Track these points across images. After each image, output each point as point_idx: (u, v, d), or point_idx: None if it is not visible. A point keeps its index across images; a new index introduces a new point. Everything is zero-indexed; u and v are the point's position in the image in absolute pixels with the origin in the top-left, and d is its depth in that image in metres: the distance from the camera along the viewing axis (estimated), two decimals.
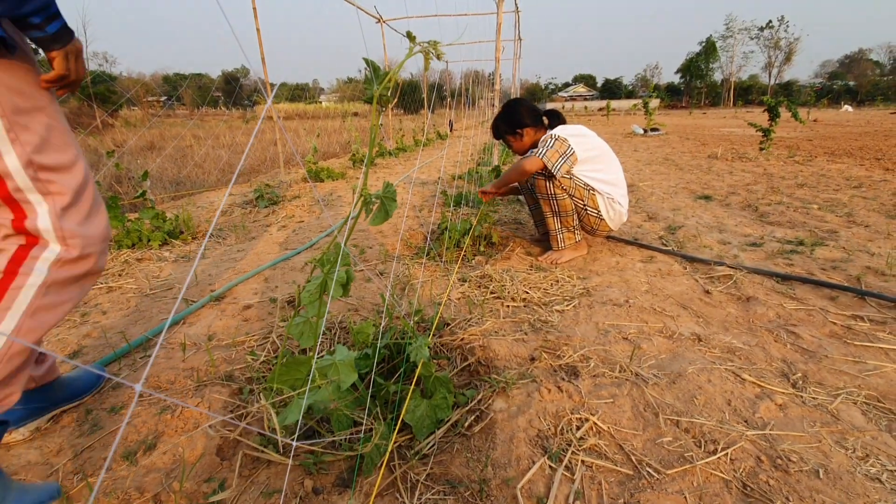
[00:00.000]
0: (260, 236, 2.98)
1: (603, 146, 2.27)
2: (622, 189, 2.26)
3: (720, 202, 3.66)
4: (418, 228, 3.04)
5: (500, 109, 2.36)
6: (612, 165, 2.26)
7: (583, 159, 2.14)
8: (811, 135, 10.22)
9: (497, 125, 2.34)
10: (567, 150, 2.07)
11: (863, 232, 2.70)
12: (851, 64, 68.75)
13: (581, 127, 2.29)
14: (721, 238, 2.69)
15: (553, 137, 2.10)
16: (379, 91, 0.77)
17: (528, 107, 2.32)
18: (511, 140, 2.32)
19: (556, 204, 2.18)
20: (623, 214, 2.26)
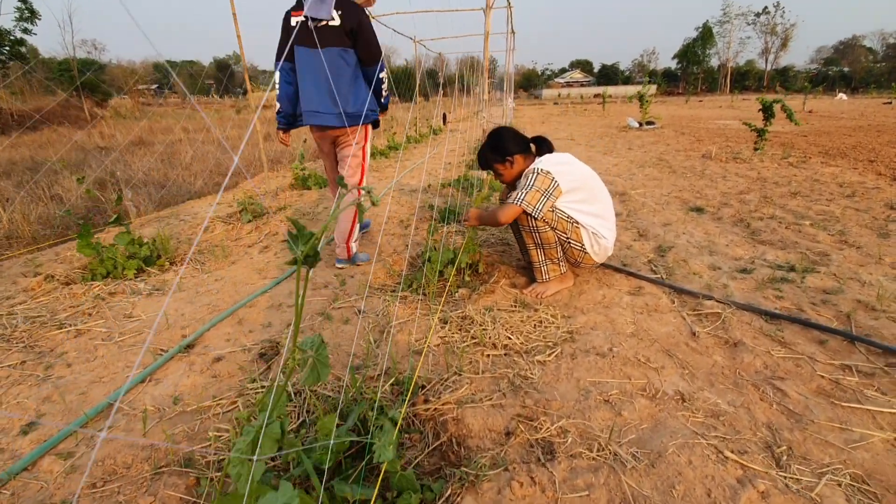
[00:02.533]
0: (240, 260, 2.90)
1: (590, 176, 2.19)
2: (609, 221, 2.19)
3: (712, 215, 3.60)
4: (403, 250, 2.97)
5: (486, 138, 2.28)
6: (599, 196, 2.19)
7: (567, 190, 2.07)
8: (806, 129, 10.15)
9: (484, 154, 2.26)
10: (550, 186, 2.00)
11: (854, 255, 2.65)
12: (846, 50, 68.38)
13: (567, 155, 2.21)
14: (711, 262, 2.63)
15: (535, 172, 2.03)
16: (304, 252, 0.70)
17: (513, 134, 2.24)
18: (500, 168, 2.24)
19: (538, 236, 2.12)
20: (608, 248, 2.19)
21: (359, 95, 2.36)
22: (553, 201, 2.03)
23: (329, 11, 2.19)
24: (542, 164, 2.06)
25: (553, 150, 2.23)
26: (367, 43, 2.28)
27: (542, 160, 2.12)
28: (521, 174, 2.19)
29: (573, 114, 20.17)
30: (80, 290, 2.41)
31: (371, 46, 2.30)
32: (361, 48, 2.29)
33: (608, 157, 6.85)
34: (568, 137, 9.86)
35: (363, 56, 2.31)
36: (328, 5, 2.19)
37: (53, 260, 3.02)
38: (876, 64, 64.75)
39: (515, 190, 2.08)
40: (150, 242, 2.89)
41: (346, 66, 2.29)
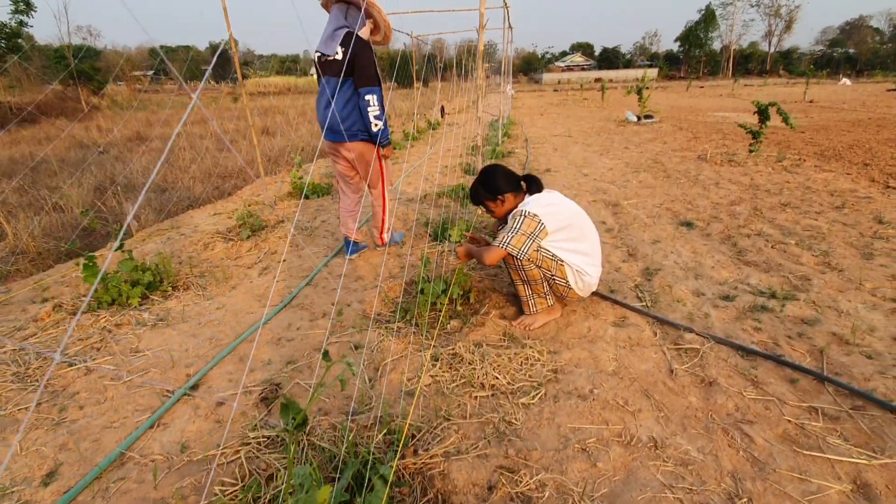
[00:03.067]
0: (240, 284, 3.00)
1: (577, 214, 2.27)
2: (594, 258, 2.28)
3: (701, 231, 3.67)
4: (399, 273, 3.06)
5: (479, 175, 2.35)
6: (585, 233, 2.26)
7: (554, 230, 2.14)
8: (805, 123, 10.13)
9: (477, 191, 2.33)
10: (536, 229, 2.08)
11: (835, 280, 2.74)
12: (852, 31, 67.40)
13: (554, 195, 2.29)
14: (696, 287, 2.72)
15: (522, 215, 2.10)
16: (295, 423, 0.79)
17: (504, 173, 2.31)
18: (491, 206, 2.33)
19: (524, 274, 2.20)
20: (593, 285, 2.28)
21: (357, 117, 2.79)
22: (539, 242, 2.11)
23: (334, 49, 2.69)
24: (530, 206, 2.14)
25: (542, 189, 2.30)
26: (360, 71, 2.67)
27: (530, 201, 2.19)
28: (511, 211, 2.26)
29: (572, 103, 20.05)
30: (87, 321, 2.51)
31: (362, 75, 2.68)
32: (356, 76, 2.68)
33: (604, 158, 6.88)
34: (565, 134, 9.86)
35: (356, 83, 2.70)
36: (334, 44, 2.69)
37: (60, 283, 3.12)
38: (882, 45, 63.84)
39: (504, 227, 2.16)
40: (153, 268, 2.98)
41: (344, 92, 2.72)
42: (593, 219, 4.03)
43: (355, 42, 2.60)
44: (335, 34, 2.68)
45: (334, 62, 2.68)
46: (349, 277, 3.03)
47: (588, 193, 4.89)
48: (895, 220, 3.72)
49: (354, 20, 2.71)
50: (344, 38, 2.66)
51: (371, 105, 2.71)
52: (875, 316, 2.36)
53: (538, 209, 2.12)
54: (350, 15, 2.72)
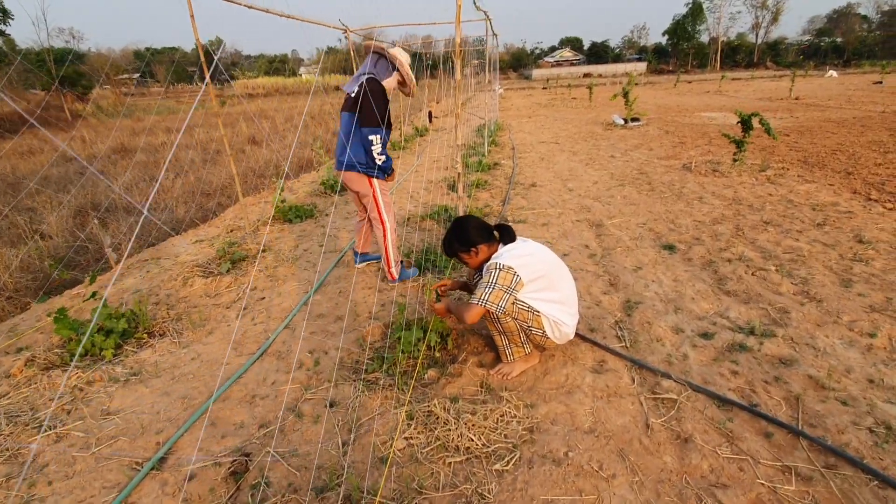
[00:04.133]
0: (217, 328, 2.96)
1: (552, 262, 2.25)
2: (571, 306, 2.26)
3: (683, 255, 3.67)
4: (381, 311, 3.03)
5: (451, 227, 2.32)
6: (561, 282, 2.24)
7: (529, 281, 2.12)
8: (790, 124, 10.18)
9: (450, 243, 2.31)
10: (512, 282, 2.06)
11: (814, 312, 2.74)
12: (839, 19, 67.81)
13: (529, 245, 2.26)
14: (675, 323, 2.71)
15: (497, 268, 2.08)
16: None
17: (477, 224, 2.28)
18: (465, 258, 2.30)
19: (500, 326, 2.18)
20: (569, 334, 2.26)
21: (356, 151, 3.02)
22: (515, 295, 2.09)
23: (352, 87, 3.00)
24: (504, 259, 2.11)
25: (515, 237, 2.28)
26: (366, 112, 2.90)
27: (503, 253, 2.17)
28: (486, 262, 2.24)
29: (560, 103, 20.04)
30: (59, 377, 2.46)
31: (368, 116, 2.91)
32: (361, 115, 2.92)
33: (590, 169, 6.88)
34: (552, 140, 9.85)
35: (360, 121, 2.94)
36: (355, 84, 2.98)
37: (35, 328, 3.07)
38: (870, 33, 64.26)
39: (480, 282, 2.13)
40: (129, 314, 2.93)
41: (351, 126, 2.96)
42: (577, 241, 4.07)
43: (371, 85, 2.89)
44: (359, 77, 2.99)
45: (348, 99, 2.98)
46: (328, 318, 3.00)
47: (572, 212, 4.88)
48: (874, 238, 3.73)
49: (382, 69, 3.05)
50: (365, 81, 2.91)
51: (374, 144, 2.97)
52: (852, 354, 2.36)
53: (512, 261, 2.10)
54: (379, 64, 3.06)
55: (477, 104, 20.30)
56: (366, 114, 2.89)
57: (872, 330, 2.54)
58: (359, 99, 2.85)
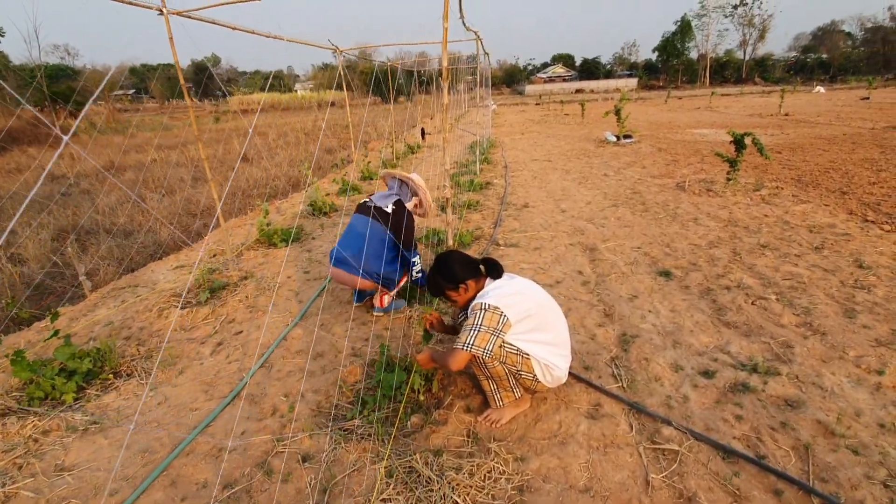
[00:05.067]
0: (189, 367, 2.78)
1: (542, 301, 2.10)
2: (563, 349, 2.11)
3: (679, 282, 3.54)
4: (362, 346, 2.87)
5: (435, 264, 2.18)
6: (552, 323, 2.10)
7: (517, 321, 1.98)
8: (781, 141, 10.20)
9: (436, 282, 2.15)
10: (499, 324, 1.91)
11: (818, 347, 2.61)
12: (824, 36, 69.20)
13: (517, 282, 2.12)
14: (674, 359, 2.57)
15: (482, 308, 1.93)
16: None
17: (461, 259, 2.14)
18: (453, 295, 2.15)
19: (487, 371, 2.03)
20: (561, 377, 2.11)
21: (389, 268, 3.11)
22: (503, 337, 1.95)
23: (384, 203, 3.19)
24: (490, 298, 1.97)
25: (502, 272, 2.13)
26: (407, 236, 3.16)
27: (489, 291, 2.03)
28: (472, 300, 2.10)
29: (553, 120, 20.13)
30: (14, 427, 2.27)
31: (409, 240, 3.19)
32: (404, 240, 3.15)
33: (582, 188, 6.79)
34: (545, 158, 9.79)
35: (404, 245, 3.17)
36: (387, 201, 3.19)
37: None
38: (854, 49, 65.62)
39: (465, 325, 1.98)
40: (94, 352, 2.76)
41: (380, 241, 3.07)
42: (570, 267, 3.94)
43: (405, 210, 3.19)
44: (389, 196, 3.23)
45: (383, 212, 3.10)
46: (307, 355, 2.83)
47: (566, 234, 4.76)
48: (875, 263, 3.63)
49: (405, 193, 3.31)
50: (396, 202, 3.16)
51: (416, 265, 3.21)
52: (860, 395, 2.22)
53: (498, 300, 1.96)
54: (402, 188, 3.33)
55: (469, 120, 20.36)
56: (408, 238, 3.11)
57: (880, 367, 2.41)
58: (397, 219, 3.08)
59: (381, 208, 3.08)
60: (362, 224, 3.05)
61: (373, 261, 2.96)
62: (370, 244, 2.94)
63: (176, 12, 3.56)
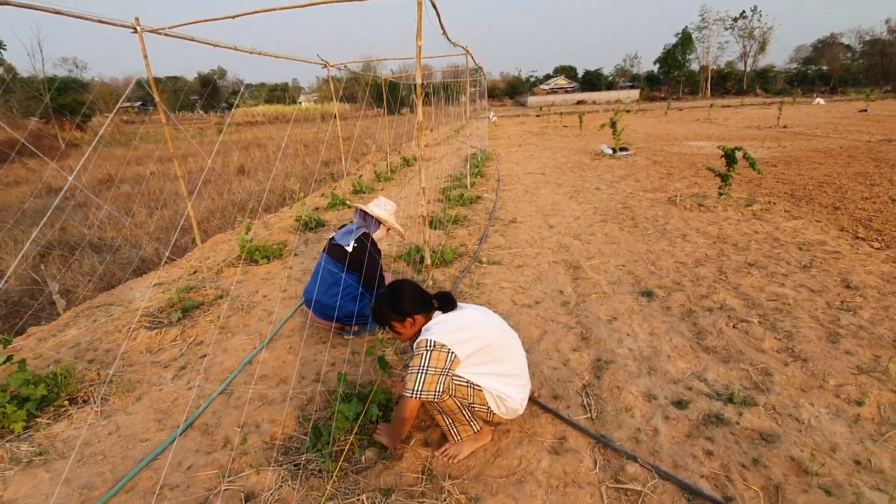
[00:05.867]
0: (148, 393, 2.69)
1: (496, 332, 2.00)
2: (519, 378, 2.02)
3: (661, 303, 3.44)
4: (329, 371, 2.77)
5: (385, 292, 2.09)
6: (508, 353, 2.00)
7: (467, 356, 1.88)
8: (778, 154, 10.12)
9: (382, 311, 2.06)
10: (446, 362, 1.83)
11: (798, 375, 2.50)
12: (824, 49, 69.39)
13: (468, 315, 2.00)
14: (648, 388, 2.47)
15: (429, 348, 1.84)
16: None
17: (414, 292, 2.05)
18: (398, 328, 2.06)
19: (438, 406, 1.94)
20: (518, 409, 2.02)
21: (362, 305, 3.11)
22: (450, 378, 1.86)
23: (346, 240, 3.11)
24: (435, 335, 1.87)
25: (455, 306, 2.04)
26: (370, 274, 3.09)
27: (433, 326, 1.93)
28: (418, 335, 2.02)
29: (552, 131, 20.13)
30: None
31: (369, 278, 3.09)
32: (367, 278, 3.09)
33: (573, 202, 6.71)
34: (539, 171, 9.74)
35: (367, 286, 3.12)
36: (348, 237, 3.11)
37: None
38: (854, 61, 65.76)
39: (410, 366, 1.89)
40: (51, 377, 2.68)
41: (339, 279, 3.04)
42: (551, 287, 3.85)
43: (368, 246, 3.08)
44: (352, 231, 3.14)
45: (342, 252, 3.02)
46: (271, 380, 2.74)
47: (550, 251, 4.68)
48: (862, 283, 3.53)
49: (370, 223, 3.23)
50: (358, 238, 3.07)
51: None
52: (837, 428, 2.12)
53: (446, 337, 1.86)
54: (368, 217, 3.24)
55: (468, 132, 20.40)
56: (369, 275, 3.02)
57: (860, 396, 2.30)
58: (358, 257, 2.98)
59: (342, 247, 3.03)
60: (324, 267, 3.06)
61: (345, 302, 2.97)
62: (334, 287, 2.96)
63: (150, 30, 3.53)
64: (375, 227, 3.22)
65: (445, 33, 4.36)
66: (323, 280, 3.02)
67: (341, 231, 3.22)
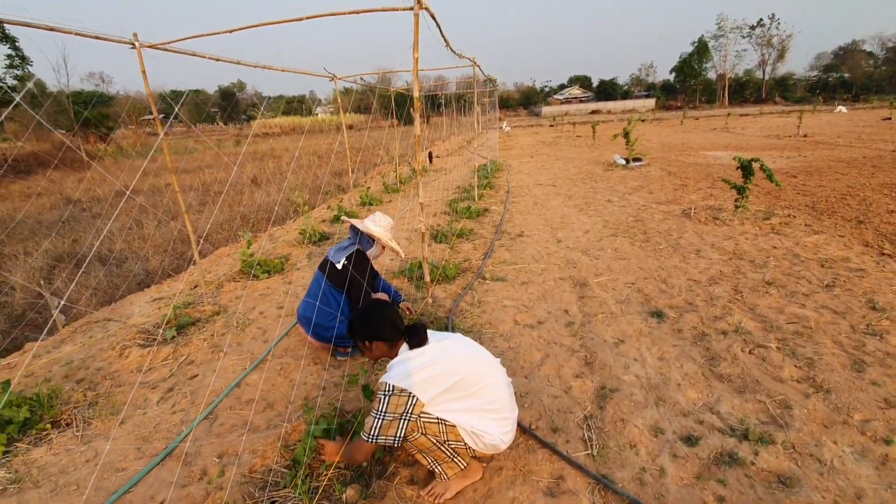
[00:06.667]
0: (131, 417, 2.60)
1: (469, 366, 1.83)
2: (501, 412, 1.86)
3: (672, 325, 3.26)
4: (316, 396, 2.66)
5: (360, 309, 2.00)
6: (485, 387, 1.83)
7: (432, 398, 1.75)
8: (798, 164, 9.81)
9: (351, 326, 1.97)
10: (407, 406, 1.70)
11: (821, 408, 2.31)
12: (845, 56, 68.05)
13: (435, 350, 1.84)
14: (655, 421, 2.30)
15: (387, 392, 1.71)
16: None
17: (386, 318, 1.92)
18: (360, 347, 1.98)
19: (411, 446, 1.80)
20: (499, 445, 1.86)
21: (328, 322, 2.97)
22: (414, 421, 1.73)
23: (338, 258, 2.99)
24: (396, 377, 1.73)
25: (425, 342, 1.89)
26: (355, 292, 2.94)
27: (395, 365, 1.80)
28: (384, 356, 1.92)
29: (565, 142, 19.96)
30: None
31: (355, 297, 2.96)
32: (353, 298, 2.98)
33: (582, 215, 6.54)
34: (550, 182, 9.58)
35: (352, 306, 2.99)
36: (340, 254, 3.00)
37: None
38: (876, 68, 64.34)
39: (370, 408, 1.76)
40: (34, 398, 2.61)
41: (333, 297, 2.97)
42: (556, 306, 3.69)
43: (361, 263, 2.97)
44: (345, 248, 3.02)
45: (333, 270, 2.92)
46: (258, 405, 2.63)
47: (557, 268, 4.52)
48: (889, 305, 3.30)
49: (364, 240, 3.09)
50: (349, 256, 2.96)
51: None
52: (863, 470, 1.92)
53: (405, 380, 1.72)
54: (361, 238, 3.08)
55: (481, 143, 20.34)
56: (357, 296, 2.89)
57: (887, 434, 2.10)
58: (346, 276, 2.86)
59: (334, 264, 2.93)
60: (315, 284, 2.99)
61: (339, 323, 2.88)
62: (326, 306, 2.88)
63: (149, 45, 3.51)
64: (369, 245, 3.10)
65: (448, 45, 4.27)
66: (315, 298, 2.92)
67: (335, 247, 3.12)
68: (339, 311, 2.86)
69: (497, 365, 1.96)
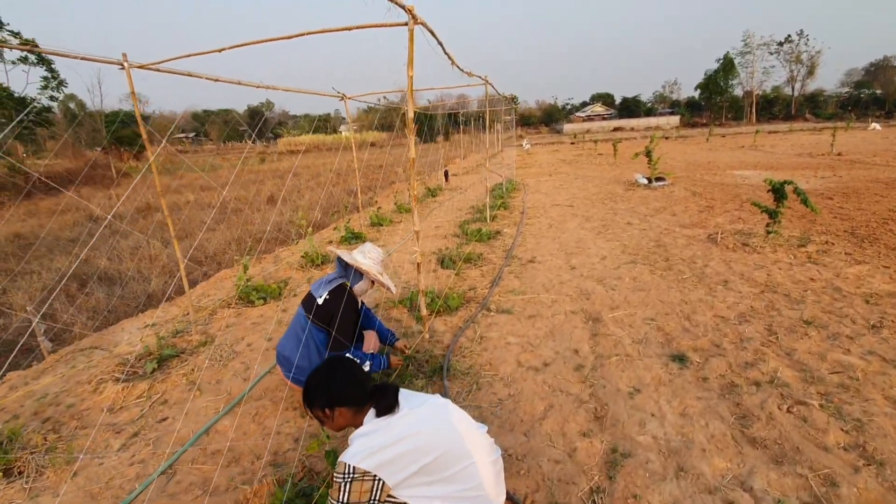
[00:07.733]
0: (86, 467, 2.37)
1: (447, 442, 1.53)
2: (475, 490, 1.54)
3: (696, 371, 2.88)
4: (291, 449, 2.38)
5: (319, 368, 1.70)
6: (463, 469, 1.53)
7: (401, 481, 1.45)
8: (832, 185, 9.23)
9: (307, 390, 1.66)
10: (372, 493, 1.42)
11: (874, 488, 1.91)
12: (877, 72, 65.92)
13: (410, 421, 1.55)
14: (674, 499, 1.94)
15: (348, 476, 1.41)
16: None
17: (350, 377, 1.64)
18: (320, 416, 1.65)
19: None
20: None
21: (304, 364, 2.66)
22: (384, 496, 1.43)
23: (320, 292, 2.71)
24: (357, 455, 1.44)
25: (394, 408, 1.60)
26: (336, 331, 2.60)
27: (358, 441, 1.50)
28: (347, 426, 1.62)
29: (585, 160, 19.58)
30: None
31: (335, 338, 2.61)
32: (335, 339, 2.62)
33: (600, 239, 6.18)
34: (567, 203, 9.23)
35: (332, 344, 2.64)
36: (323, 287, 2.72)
37: None
38: None
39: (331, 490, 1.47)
40: None
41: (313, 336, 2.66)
42: (565, 344, 3.34)
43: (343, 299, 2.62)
44: (330, 281, 2.72)
45: (313, 304, 2.62)
46: (225, 457, 2.36)
47: (568, 299, 4.17)
48: None
49: (352, 274, 2.76)
50: (332, 290, 2.65)
51: (364, 363, 2.62)
52: None
53: (370, 459, 1.43)
54: (348, 271, 2.77)
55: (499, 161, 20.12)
56: (338, 332, 2.55)
57: None
58: (328, 311, 2.56)
59: (316, 300, 2.62)
60: (296, 321, 2.71)
61: (313, 364, 2.56)
62: (307, 346, 2.59)
63: (138, 66, 3.39)
64: (356, 279, 2.77)
65: (454, 62, 4.05)
66: (295, 336, 2.65)
67: (321, 280, 2.83)
68: (319, 353, 2.58)
69: (481, 438, 1.65)
